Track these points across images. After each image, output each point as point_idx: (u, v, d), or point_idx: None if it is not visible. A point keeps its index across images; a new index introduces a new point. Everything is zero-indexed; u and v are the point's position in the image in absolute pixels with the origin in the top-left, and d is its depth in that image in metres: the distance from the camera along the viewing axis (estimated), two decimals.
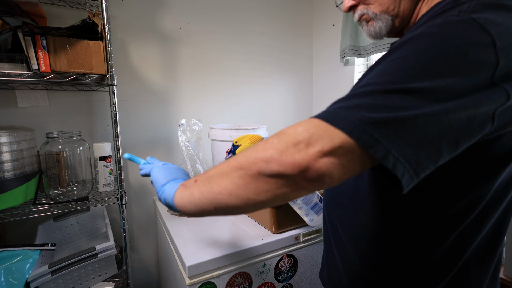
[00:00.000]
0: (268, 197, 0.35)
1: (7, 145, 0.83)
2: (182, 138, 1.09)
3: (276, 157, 0.33)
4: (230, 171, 0.37)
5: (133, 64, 1.31)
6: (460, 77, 0.32)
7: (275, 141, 0.34)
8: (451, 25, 0.34)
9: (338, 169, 0.32)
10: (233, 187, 0.37)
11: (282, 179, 0.34)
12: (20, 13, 0.92)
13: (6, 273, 0.73)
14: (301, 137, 0.33)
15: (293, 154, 0.32)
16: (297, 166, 0.32)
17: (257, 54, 1.64)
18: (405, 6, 0.48)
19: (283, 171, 0.33)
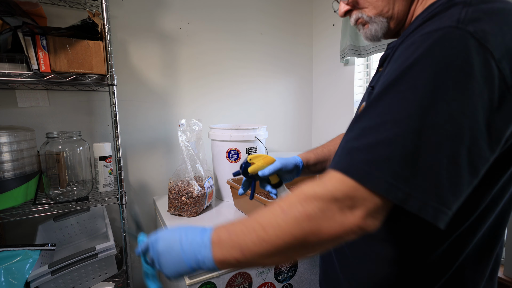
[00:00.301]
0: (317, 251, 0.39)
1: (7, 145, 0.83)
2: (182, 138, 1.09)
3: (326, 227, 0.35)
4: (278, 248, 0.37)
5: (133, 64, 1.31)
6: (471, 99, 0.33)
7: (316, 210, 0.36)
8: (449, 42, 0.34)
9: (379, 221, 0.36)
10: (285, 260, 0.40)
11: (332, 242, 0.37)
12: (20, 13, 0.92)
13: (6, 273, 0.73)
14: (342, 203, 0.35)
15: (342, 221, 0.35)
16: (346, 230, 0.35)
17: (257, 54, 1.64)
18: (399, 8, 0.49)
19: (333, 237, 0.36)
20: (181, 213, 1.07)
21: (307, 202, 0.36)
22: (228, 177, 1.19)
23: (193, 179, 1.07)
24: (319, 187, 0.37)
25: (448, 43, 0.34)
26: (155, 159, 1.40)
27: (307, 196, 0.37)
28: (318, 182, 0.38)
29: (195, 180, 1.09)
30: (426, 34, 0.36)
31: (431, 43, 0.35)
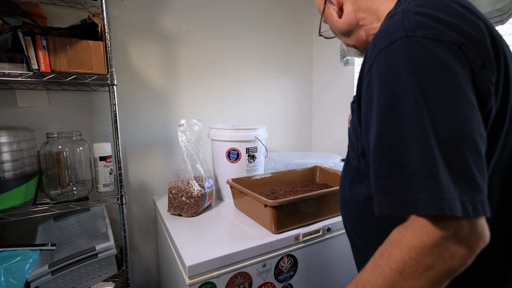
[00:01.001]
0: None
1: (7, 145, 0.83)
2: (182, 138, 1.09)
3: (451, 265, 0.34)
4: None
5: (133, 64, 1.31)
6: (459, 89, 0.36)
7: (433, 259, 0.34)
8: (410, 51, 0.38)
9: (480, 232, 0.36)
10: None
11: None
12: (20, 13, 0.92)
13: (6, 273, 0.73)
14: (449, 241, 0.34)
15: (459, 252, 0.34)
16: (471, 254, 0.35)
17: (257, 54, 1.64)
18: (357, 38, 0.61)
19: (462, 266, 0.35)
20: (181, 213, 1.07)
21: (418, 253, 0.35)
22: (228, 177, 1.19)
23: (193, 179, 1.07)
24: (420, 238, 0.35)
25: (409, 52, 0.37)
26: (155, 159, 1.40)
27: (412, 246, 0.35)
28: (405, 232, 0.36)
29: (195, 180, 1.09)
30: (385, 49, 0.40)
31: (395, 60, 0.38)
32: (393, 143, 0.37)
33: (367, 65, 0.43)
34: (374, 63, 0.41)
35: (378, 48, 0.41)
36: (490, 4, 0.93)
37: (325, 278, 1.01)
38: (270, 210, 0.88)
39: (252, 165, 1.22)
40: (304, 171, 1.34)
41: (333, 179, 1.27)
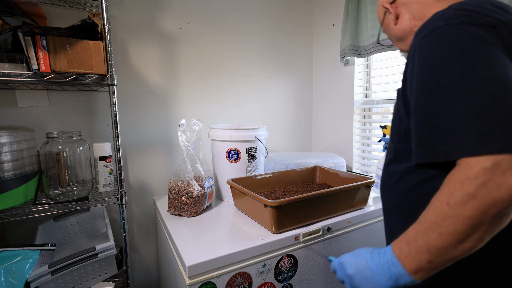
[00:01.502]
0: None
1: (7, 145, 0.83)
2: (182, 138, 1.09)
3: (497, 195, 0.37)
4: (462, 234, 0.39)
5: (133, 64, 1.31)
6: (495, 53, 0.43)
7: (475, 187, 0.38)
8: (449, 35, 0.45)
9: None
10: (477, 243, 0.40)
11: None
12: (20, 13, 0.92)
13: (6, 273, 0.73)
14: (494, 171, 0.38)
15: (506, 181, 0.37)
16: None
17: (258, 54, 1.64)
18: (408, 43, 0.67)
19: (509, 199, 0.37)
20: (181, 213, 1.07)
21: (462, 185, 0.39)
22: (228, 177, 1.19)
23: (193, 179, 1.07)
24: (464, 172, 0.39)
25: (448, 35, 0.44)
26: (155, 159, 1.40)
27: (457, 180, 0.40)
28: (452, 173, 0.41)
29: (195, 180, 1.09)
30: (426, 36, 0.47)
31: (435, 42, 0.45)
32: (428, 104, 0.44)
33: (411, 51, 0.50)
34: (416, 48, 0.48)
35: (420, 36, 0.48)
36: None
37: (325, 278, 1.01)
38: (270, 210, 0.88)
39: (252, 165, 1.22)
40: (304, 171, 1.34)
41: (333, 179, 1.27)
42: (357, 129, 1.62)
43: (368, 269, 0.49)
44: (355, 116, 1.60)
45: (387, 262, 0.47)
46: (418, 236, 0.43)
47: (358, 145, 1.63)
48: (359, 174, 1.20)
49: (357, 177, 1.14)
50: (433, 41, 0.45)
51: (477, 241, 0.40)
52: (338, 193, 1.01)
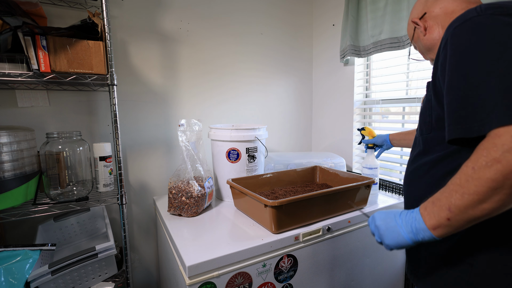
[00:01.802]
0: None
1: (7, 145, 0.83)
2: (182, 138, 1.09)
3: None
4: (482, 194, 0.42)
5: (133, 64, 1.31)
6: None
7: (500, 152, 0.40)
8: (482, 24, 0.48)
9: None
10: (496, 205, 0.42)
11: None
12: (20, 13, 0.92)
13: (6, 273, 0.73)
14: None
15: None
16: None
17: (257, 54, 1.64)
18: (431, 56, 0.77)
19: None
20: (181, 213, 1.07)
21: (489, 151, 0.41)
22: (228, 177, 1.19)
23: (193, 179, 1.07)
24: (492, 140, 0.42)
25: (480, 24, 0.47)
26: (155, 159, 1.40)
27: (485, 147, 0.42)
28: (485, 141, 0.43)
29: (195, 180, 1.09)
30: (458, 26, 0.50)
31: (467, 30, 0.48)
32: (460, 85, 0.47)
33: (442, 42, 0.53)
34: (448, 37, 0.51)
35: (452, 27, 0.51)
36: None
37: (325, 278, 1.01)
38: (270, 210, 0.88)
39: (252, 165, 1.22)
40: (304, 171, 1.34)
41: (333, 179, 1.27)
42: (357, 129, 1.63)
43: (393, 222, 0.55)
44: (355, 116, 1.60)
45: (412, 218, 0.52)
46: (442, 197, 0.47)
47: (358, 145, 1.63)
48: (359, 174, 1.20)
49: (357, 177, 1.14)
50: (465, 29, 0.48)
51: (497, 203, 0.42)
52: (338, 193, 1.01)
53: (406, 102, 1.36)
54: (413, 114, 1.32)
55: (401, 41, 1.25)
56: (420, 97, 1.29)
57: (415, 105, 1.33)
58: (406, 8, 1.21)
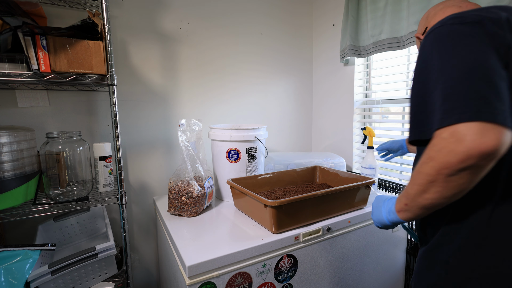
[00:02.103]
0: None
1: (7, 145, 0.83)
2: (182, 138, 1.09)
3: (447, 159, 0.46)
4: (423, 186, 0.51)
5: (133, 64, 1.31)
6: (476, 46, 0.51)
7: (434, 151, 0.48)
8: (441, 32, 0.53)
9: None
10: (435, 196, 0.50)
11: (462, 169, 0.46)
12: (20, 13, 0.92)
13: (6, 273, 0.73)
14: (448, 140, 0.47)
15: (455, 148, 0.46)
16: (461, 155, 0.45)
17: (258, 54, 1.64)
18: None
19: (459, 163, 0.46)
20: (181, 213, 1.07)
21: (428, 150, 0.50)
22: (228, 177, 1.19)
23: (193, 179, 1.07)
24: (431, 142, 0.50)
25: (439, 34, 0.52)
26: (155, 159, 1.40)
27: (427, 147, 0.50)
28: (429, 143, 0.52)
29: (195, 180, 1.09)
30: (425, 37, 0.55)
31: (428, 41, 0.54)
32: (420, 92, 0.54)
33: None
34: (419, 47, 0.58)
35: (423, 39, 0.57)
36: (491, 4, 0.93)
37: (325, 278, 1.01)
38: (270, 210, 0.88)
39: (252, 165, 1.22)
40: (304, 171, 1.34)
41: (333, 179, 1.27)
42: (357, 129, 1.62)
43: (381, 203, 0.69)
44: (355, 116, 1.60)
45: (391, 202, 0.64)
46: (407, 186, 0.56)
47: (358, 145, 1.63)
48: (359, 174, 1.20)
49: (357, 177, 1.14)
50: (428, 40, 0.53)
51: (436, 194, 0.49)
52: (338, 193, 1.01)
53: (406, 102, 1.36)
54: None
55: (401, 41, 1.25)
56: None
57: None
58: (406, 8, 1.21)
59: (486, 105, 0.44)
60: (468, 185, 0.47)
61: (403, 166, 1.40)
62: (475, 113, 0.44)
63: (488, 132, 0.43)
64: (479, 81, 0.46)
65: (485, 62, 0.47)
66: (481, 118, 0.43)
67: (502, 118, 0.44)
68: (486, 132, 0.43)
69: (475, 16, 0.50)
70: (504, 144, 0.44)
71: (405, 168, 1.39)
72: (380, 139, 1.50)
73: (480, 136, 0.43)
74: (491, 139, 0.43)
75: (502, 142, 0.43)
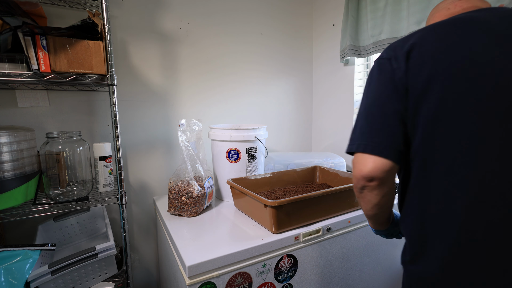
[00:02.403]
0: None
1: (7, 145, 0.83)
2: (182, 138, 1.09)
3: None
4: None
5: (133, 64, 1.31)
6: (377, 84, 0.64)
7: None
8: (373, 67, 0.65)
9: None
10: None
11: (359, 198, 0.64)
12: (20, 13, 0.92)
13: (6, 273, 0.73)
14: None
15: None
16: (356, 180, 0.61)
17: (258, 54, 1.64)
18: None
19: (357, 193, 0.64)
20: (181, 213, 1.07)
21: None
22: (228, 177, 1.19)
23: (193, 179, 1.07)
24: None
25: (372, 67, 0.64)
26: (155, 159, 1.40)
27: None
28: None
29: (195, 180, 1.09)
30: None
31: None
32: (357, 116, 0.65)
33: None
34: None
35: None
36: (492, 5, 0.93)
37: (325, 278, 1.01)
38: (270, 210, 0.88)
39: (252, 165, 1.22)
40: (304, 171, 1.34)
41: (333, 179, 1.27)
42: None
43: None
44: (355, 116, 1.60)
45: None
46: None
47: None
48: None
49: None
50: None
51: (362, 207, 0.65)
52: (338, 193, 1.01)
53: None
54: None
55: None
56: None
57: None
58: (406, 8, 1.21)
59: (366, 139, 0.57)
60: (376, 199, 0.60)
61: None
62: (358, 145, 0.58)
63: (366, 161, 0.56)
64: (367, 118, 0.58)
65: (378, 101, 0.58)
66: (362, 150, 0.57)
67: (377, 150, 0.55)
68: (364, 161, 0.56)
69: (388, 51, 0.59)
70: (377, 169, 0.55)
71: None
72: None
73: (361, 164, 0.57)
74: (366, 166, 0.56)
75: (375, 168, 0.55)
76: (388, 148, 0.55)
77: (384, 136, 0.56)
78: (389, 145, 0.55)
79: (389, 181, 0.57)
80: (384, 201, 0.61)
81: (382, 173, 0.55)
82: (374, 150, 0.55)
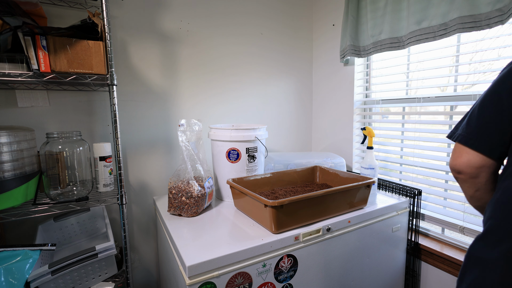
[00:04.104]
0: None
1: (7, 145, 0.83)
2: (182, 138, 1.09)
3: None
4: None
5: (133, 64, 1.31)
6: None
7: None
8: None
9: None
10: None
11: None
12: (20, 13, 0.92)
13: (6, 273, 0.73)
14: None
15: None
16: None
17: (258, 54, 1.64)
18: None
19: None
20: (181, 213, 1.07)
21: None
22: (228, 177, 1.19)
23: (193, 179, 1.07)
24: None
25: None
26: (155, 159, 1.40)
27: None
28: None
29: (195, 180, 1.09)
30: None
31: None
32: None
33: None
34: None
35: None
36: (490, 4, 0.93)
37: (325, 278, 1.01)
38: (270, 210, 0.88)
39: (252, 165, 1.22)
40: (304, 171, 1.34)
41: (333, 179, 1.27)
42: (357, 129, 1.62)
43: None
44: (355, 116, 1.60)
45: None
46: None
47: (358, 145, 1.63)
48: (359, 174, 1.20)
49: (357, 177, 1.14)
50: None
51: (463, 193, 0.63)
52: (338, 193, 1.01)
53: (406, 102, 1.36)
54: (413, 114, 1.32)
55: (401, 41, 1.25)
56: (420, 97, 1.29)
57: (415, 105, 1.33)
58: (406, 8, 1.21)
59: (466, 130, 0.56)
60: (470, 191, 0.58)
61: (403, 166, 1.40)
62: (458, 136, 0.57)
63: (460, 153, 0.56)
64: (478, 109, 0.55)
65: (494, 93, 0.54)
66: (459, 140, 0.56)
67: (473, 144, 0.54)
68: (459, 152, 0.56)
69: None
70: (466, 163, 0.54)
71: (405, 168, 1.39)
72: (380, 139, 1.50)
73: (455, 154, 0.57)
74: (457, 158, 0.56)
75: (466, 162, 0.54)
76: (484, 143, 0.53)
77: (486, 132, 0.53)
78: (486, 141, 0.53)
79: (480, 177, 0.55)
80: (479, 196, 0.58)
81: (471, 169, 0.54)
82: (468, 142, 0.55)
